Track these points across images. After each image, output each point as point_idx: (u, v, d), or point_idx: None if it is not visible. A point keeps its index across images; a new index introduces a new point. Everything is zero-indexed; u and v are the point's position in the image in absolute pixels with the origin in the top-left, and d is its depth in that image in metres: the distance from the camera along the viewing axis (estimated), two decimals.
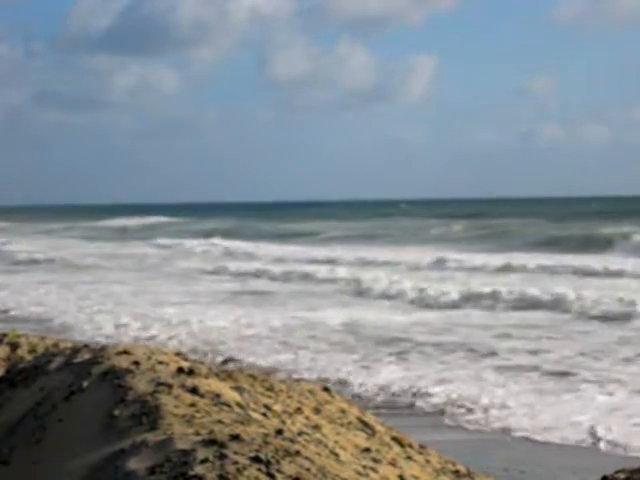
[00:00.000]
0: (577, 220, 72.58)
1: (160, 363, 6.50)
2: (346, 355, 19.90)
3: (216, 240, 64.86)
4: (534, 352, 20.02)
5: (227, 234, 73.03)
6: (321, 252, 51.42)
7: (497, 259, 42.36)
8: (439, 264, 42.10)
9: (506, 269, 38.74)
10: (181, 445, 4.99)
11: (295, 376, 16.29)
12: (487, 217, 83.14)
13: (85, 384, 6.30)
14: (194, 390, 5.93)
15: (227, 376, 7.15)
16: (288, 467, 4.75)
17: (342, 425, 7.30)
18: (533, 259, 41.64)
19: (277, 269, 41.25)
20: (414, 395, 16.13)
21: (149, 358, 6.59)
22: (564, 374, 17.69)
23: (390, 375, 17.72)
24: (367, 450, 6.83)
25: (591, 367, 18.26)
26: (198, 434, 5.14)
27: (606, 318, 24.82)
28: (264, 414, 6.22)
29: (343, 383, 16.94)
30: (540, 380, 17.26)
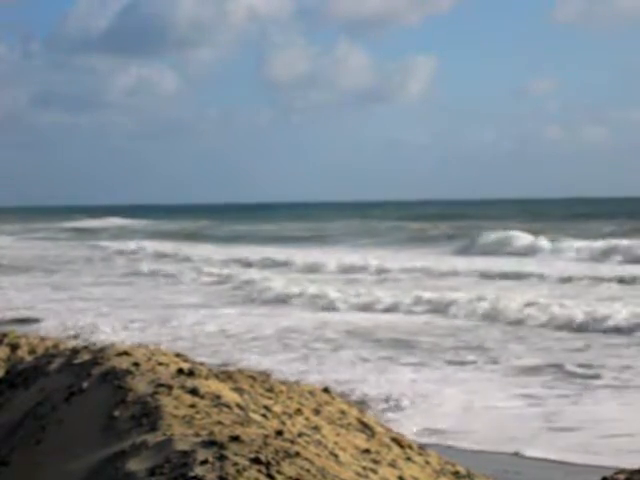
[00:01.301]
0: (544, 221, 73.86)
1: (160, 364, 6.50)
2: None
3: (145, 242, 66.54)
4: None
5: (177, 236, 76.11)
6: (248, 253, 52.49)
7: (412, 261, 43.75)
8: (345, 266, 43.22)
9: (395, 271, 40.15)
10: (181, 446, 4.99)
11: None
12: (465, 219, 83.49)
13: (85, 385, 6.30)
14: (194, 391, 5.94)
15: (227, 377, 7.15)
16: (288, 468, 4.75)
17: (342, 426, 7.31)
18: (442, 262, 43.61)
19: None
20: None
21: (149, 359, 6.59)
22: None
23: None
24: (367, 451, 6.84)
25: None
26: (198, 435, 5.14)
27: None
28: (264, 415, 6.22)
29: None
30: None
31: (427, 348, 21.10)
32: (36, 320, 25.71)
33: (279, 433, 5.49)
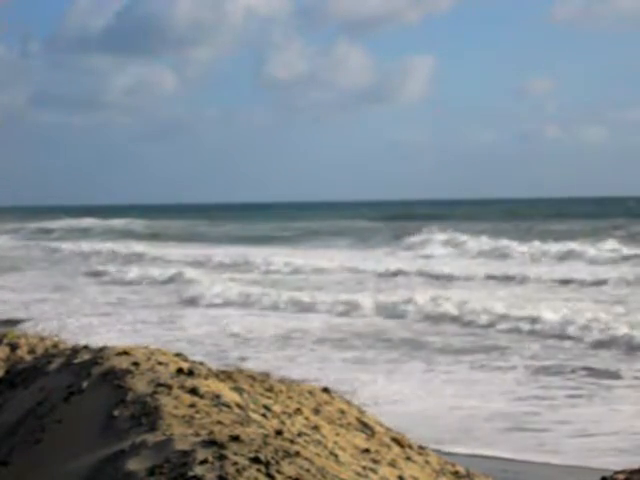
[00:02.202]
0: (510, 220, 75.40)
1: (160, 364, 6.49)
2: None
3: (109, 243, 66.97)
4: None
5: (144, 237, 76.70)
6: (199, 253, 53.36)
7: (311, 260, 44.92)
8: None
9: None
10: (181, 446, 4.99)
11: None
12: (448, 219, 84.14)
13: (85, 385, 6.29)
14: (194, 391, 5.93)
15: (227, 377, 7.15)
16: (288, 468, 4.75)
17: (341, 426, 7.31)
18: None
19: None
20: None
21: (149, 359, 6.59)
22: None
23: None
24: (366, 451, 6.84)
25: None
26: (198, 435, 5.14)
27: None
28: (264, 415, 6.22)
29: None
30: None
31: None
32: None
33: (279, 433, 5.49)
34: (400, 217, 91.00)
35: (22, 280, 40.02)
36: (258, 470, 4.66)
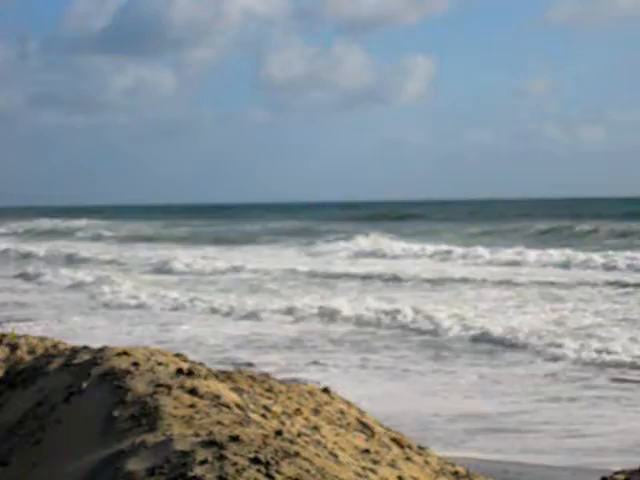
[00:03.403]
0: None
1: (159, 364, 6.49)
2: None
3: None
4: None
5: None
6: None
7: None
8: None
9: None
10: (180, 446, 4.99)
11: None
12: (420, 220, 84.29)
13: (84, 385, 6.29)
14: (193, 391, 5.93)
15: (226, 377, 7.15)
16: (287, 468, 4.75)
17: (341, 426, 7.31)
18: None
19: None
20: None
21: (148, 359, 6.59)
22: None
23: None
24: (366, 451, 6.84)
25: None
26: (197, 435, 5.14)
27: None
28: (263, 415, 6.22)
29: None
30: None
31: None
32: None
33: (278, 433, 5.49)
34: (376, 218, 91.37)
35: None
36: (258, 470, 4.67)
